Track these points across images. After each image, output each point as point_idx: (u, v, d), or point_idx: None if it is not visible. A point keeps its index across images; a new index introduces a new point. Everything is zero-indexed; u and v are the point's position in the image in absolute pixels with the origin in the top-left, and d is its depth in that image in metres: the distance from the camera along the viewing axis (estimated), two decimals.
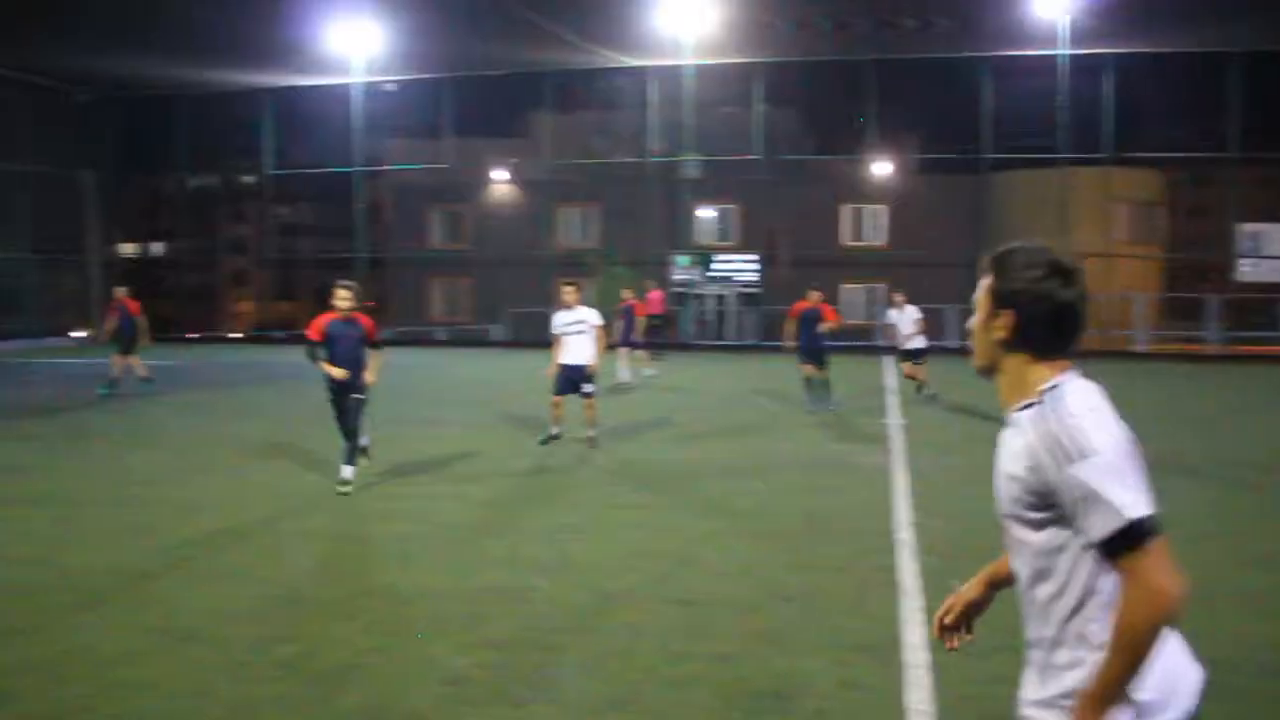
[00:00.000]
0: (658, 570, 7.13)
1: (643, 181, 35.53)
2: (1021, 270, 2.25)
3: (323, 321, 9.75)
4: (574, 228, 40.13)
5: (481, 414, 15.45)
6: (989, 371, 2.36)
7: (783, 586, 6.74)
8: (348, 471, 9.71)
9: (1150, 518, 2.03)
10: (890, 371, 16.68)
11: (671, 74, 32.22)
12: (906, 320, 17.04)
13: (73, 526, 8.52)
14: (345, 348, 9.72)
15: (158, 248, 50.64)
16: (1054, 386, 2.20)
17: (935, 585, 6.48)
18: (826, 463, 11.62)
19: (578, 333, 12.11)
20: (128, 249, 42.98)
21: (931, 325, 18.15)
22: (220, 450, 12.21)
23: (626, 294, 21.61)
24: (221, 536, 8.13)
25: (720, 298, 36.90)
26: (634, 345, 20.89)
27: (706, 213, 38.59)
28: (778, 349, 17.50)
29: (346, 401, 9.79)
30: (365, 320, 9.92)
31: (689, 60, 30.57)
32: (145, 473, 10.94)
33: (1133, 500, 2.04)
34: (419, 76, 34.47)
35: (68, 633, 5.87)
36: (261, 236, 43.73)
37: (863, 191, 38.20)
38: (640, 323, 21.21)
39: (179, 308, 39.33)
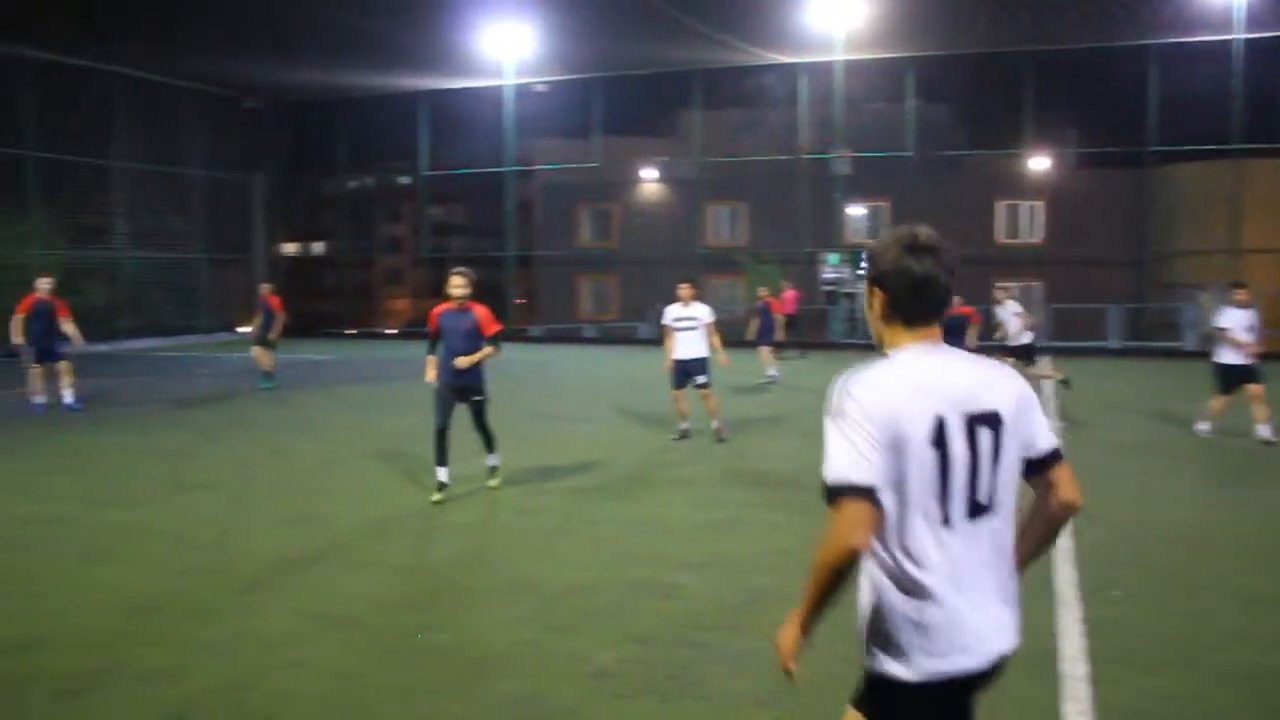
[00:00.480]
0: (804, 570, 7.04)
1: (792, 179, 35.24)
2: (882, 254, 2.56)
3: (436, 312, 9.24)
4: (722, 225, 40.07)
5: (626, 410, 15.55)
6: (880, 345, 2.62)
7: None
8: (493, 459, 9.66)
9: (847, 484, 2.35)
10: (1044, 373, 16.16)
11: (822, 70, 31.86)
12: (1008, 315, 16.46)
13: (241, 512, 8.93)
14: (456, 340, 9.06)
15: (319, 247, 52.61)
16: (893, 354, 2.54)
17: (1094, 595, 6.25)
18: None
19: (689, 328, 12.42)
20: (290, 248, 44.76)
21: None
22: (374, 441, 12.59)
23: (762, 292, 21.57)
24: (376, 526, 8.40)
25: None
26: (774, 344, 20.79)
27: (857, 210, 38.05)
28: None
29: (466, 403, 9.26)
30: (480, 310, 9.19)
31: (840, 56, 30.18)
32: (305, 462, 11.37)
33: (843, 464, 2.37)
34: (569, 77, 34.90)
35: (236, 614, 6.15)
36: (416, 236, 44.93)
37: (1019, 187, 37.06)
38: (778, 320, 21.16)
39: (338, 305, 40.75)
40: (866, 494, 2.34)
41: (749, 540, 7.95)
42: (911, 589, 2.44)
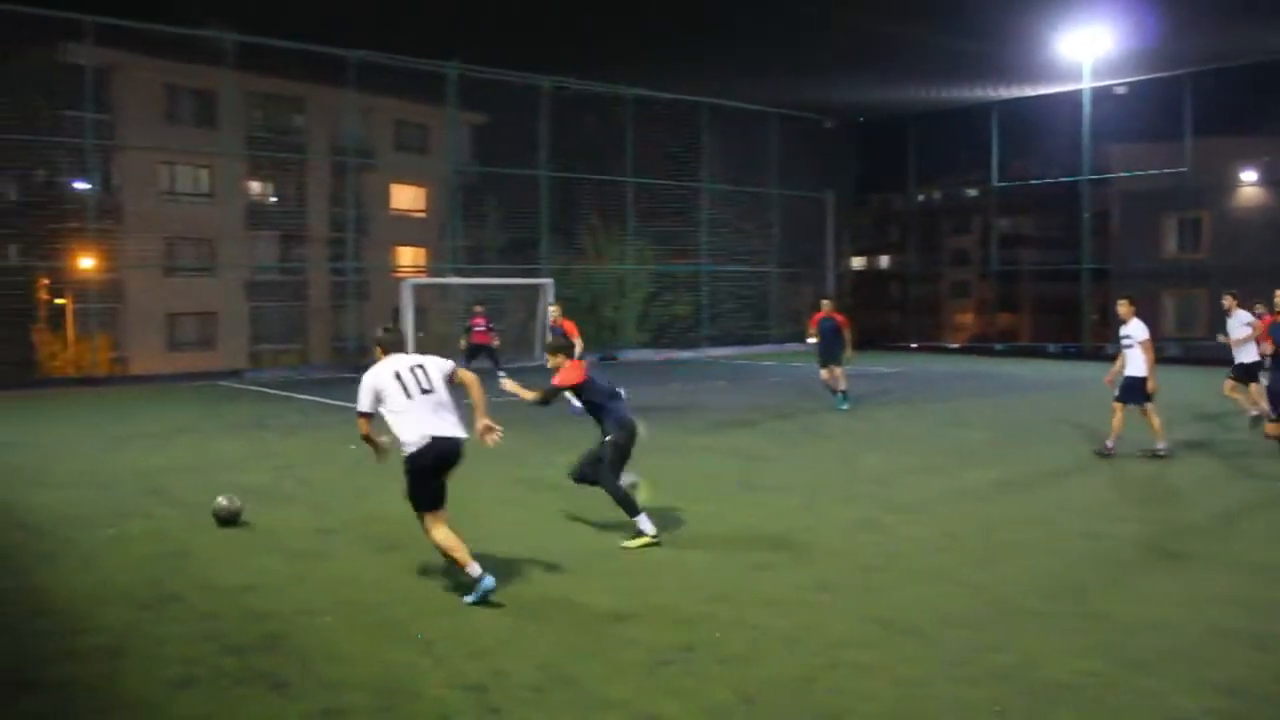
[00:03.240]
0: None
1: None
2: (377, 335, 7.11)
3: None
4: None
5: (1200, 442, 14.18)
6: (378, 358, 7.05)
7: None
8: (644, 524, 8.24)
9: (359, 409, 6.84)
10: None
11: None
12: (1238, 326, 14.70)
13: (813, 516, 9.36)
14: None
15: (884, 261, 53.47)
16: (379, 360, 6.98)
17: None
18: None
19: (1127, 346, 12.69)
20: (858, 262, 45.93)
21: None
22: (939, 457, 12.60)
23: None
24: (940, 538, 8.40)
25: None
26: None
27: None
28: None
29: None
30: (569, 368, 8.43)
31: None
32: (873, 472, 11.65)
33: (360, 402, 6.80)
34: (1152, 75, 32.40)
35: (804, 609, 6.53)
36: (983, 248, 44.15)
37: None
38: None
39: (903, 318, 41.15)
40: (364, 414, 6.78)
41: None
42: (406, 421, 6.62)
